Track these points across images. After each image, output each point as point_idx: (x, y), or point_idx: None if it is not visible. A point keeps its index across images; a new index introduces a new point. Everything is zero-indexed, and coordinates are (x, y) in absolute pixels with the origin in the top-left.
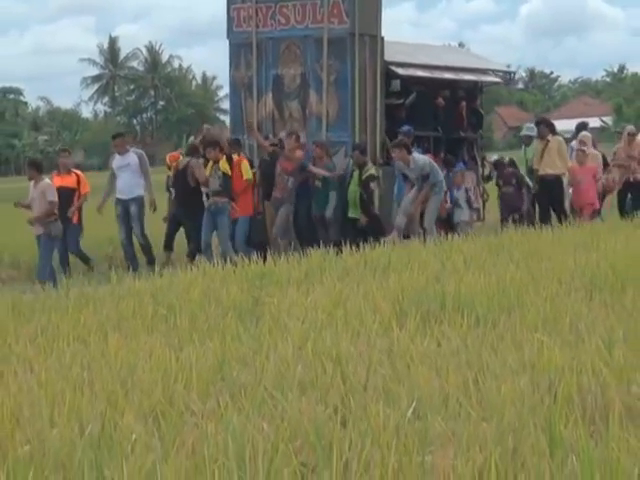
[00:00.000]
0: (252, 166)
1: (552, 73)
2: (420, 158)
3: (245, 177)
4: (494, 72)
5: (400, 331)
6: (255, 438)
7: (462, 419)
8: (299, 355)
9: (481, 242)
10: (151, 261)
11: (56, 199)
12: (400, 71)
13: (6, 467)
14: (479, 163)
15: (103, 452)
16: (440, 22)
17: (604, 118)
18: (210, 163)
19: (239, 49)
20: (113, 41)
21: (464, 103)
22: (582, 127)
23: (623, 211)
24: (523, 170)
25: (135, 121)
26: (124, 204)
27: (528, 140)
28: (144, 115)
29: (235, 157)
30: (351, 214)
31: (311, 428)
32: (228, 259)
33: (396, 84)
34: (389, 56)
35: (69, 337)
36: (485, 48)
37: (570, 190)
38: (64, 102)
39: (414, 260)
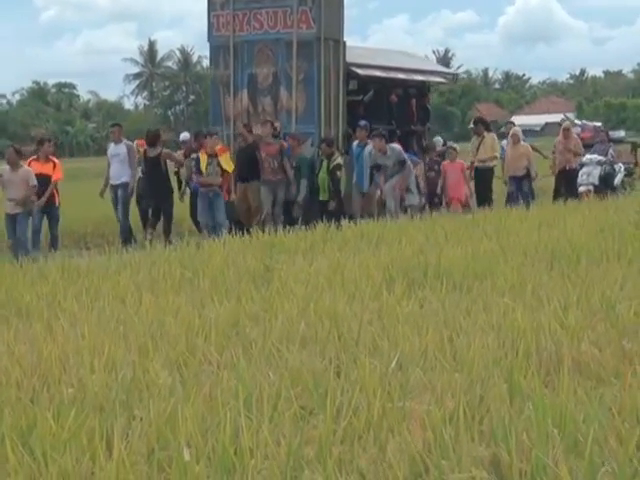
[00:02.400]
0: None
1: (524, 75)
2: (395, 147)
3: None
4: (440, 73)
5: (389, 295)
6: (262, 385)
7: (438, 371)
8: (302, 315)
9: (460, 219)
10: (126, 240)
11: (36, 183)
12: (359, 71)
13: (52, 407)
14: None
15: (134, 395)
16: (430, 30)
17: (568, 114)
18: (205, 157)
19: (218, 51)
20: (152, 44)
21: (414, 100)
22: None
23: (557, 194)
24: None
25: (169, 112)
26: (114, 189)
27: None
28: (177, 107)
29: (217, 148)
30: (321, 197)
31: (310, 377)
32: (221, 234)
33: (354, 83)
34: (350, 58)
35: (109, 296)
36: (468, 53)
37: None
38: (110, 95)
39: (403, 234)
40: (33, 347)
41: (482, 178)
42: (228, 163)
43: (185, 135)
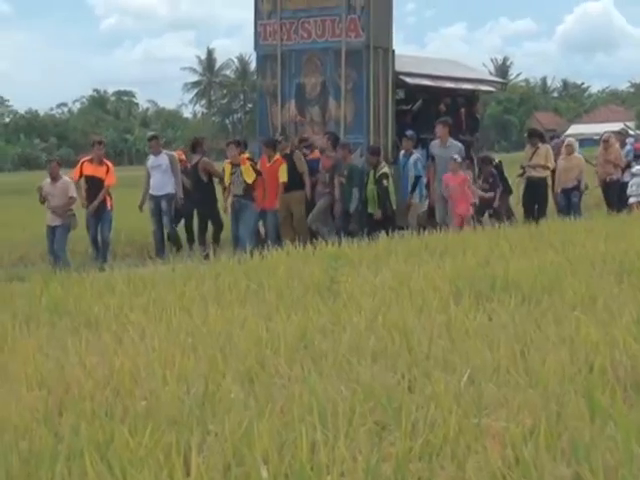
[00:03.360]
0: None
1: (583, 84)
2: (455, 142)
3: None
4: (488, 82)
5: (456, 308)
6: (335, 399)
7: (512, 386)
8: (371, 328)
9: (523, 231)
10: (178, 249)
11: (75, 195)
12: (408, 80)
13: (128, 420)
14: (475, 163)
15: (206, 409)
16: (487, 39)
17: (628, 123)
18: (229, 167)
19: (265, 60)
20: (210, 52)
21: (463, 109)
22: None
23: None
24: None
25: (227, 121)
26: (156, 200)
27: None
28: (235, 116)
29: (276, 157)
30: (370, 210)
31: (383, 392)
32: (248, 249)
33: (400, 93)
34: (399, 67)
35: (175, 307)
36: (526, 61)
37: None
38: (168, 104)
39: (467, 245)
40: (104, 359)
41: (534, 188)
42: (248, 173)
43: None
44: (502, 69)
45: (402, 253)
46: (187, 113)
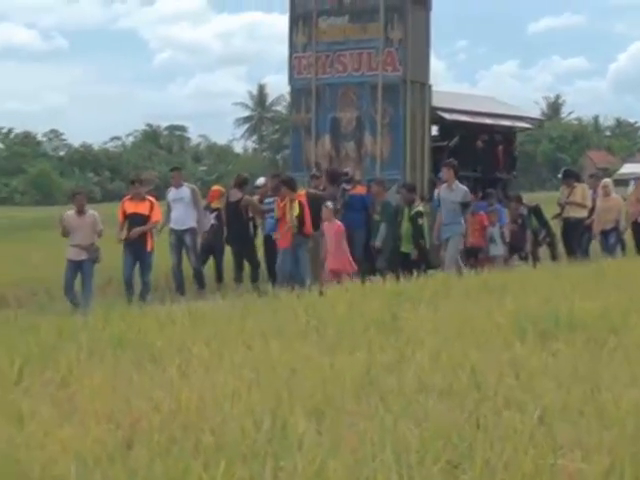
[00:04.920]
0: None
1: (636, 122)
2: (462, 186)
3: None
4: (526, 119)
5: (521, 346)
6: (406, 437)
7: (584, 426)
8: (435, 365)
9: (583, 269)
10: (202, 286)
11: (102, 228)
12: (445, 115)
13: (199, 455)
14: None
15: (275, 444)
16: (539, 76)
17: None
18: (282, 203)
19: (300, 94)
20: (261, 88)
21: (501, 147)
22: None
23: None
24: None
25: (278, 156)
26: (177, 234)
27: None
28: (285, 151)
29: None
30: (404, 248)
31: (453, 430)
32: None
33: (434, 129)
34: (435, 102)
35: (236, 342)
36: (578, 99)
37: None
38: (220, 138)
39: (527, 283)
40: (170, 393)
41: (572, 229)
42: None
43: (261, 180)
44: (554, 107)
45: (461, 290)
46: (238, 148)
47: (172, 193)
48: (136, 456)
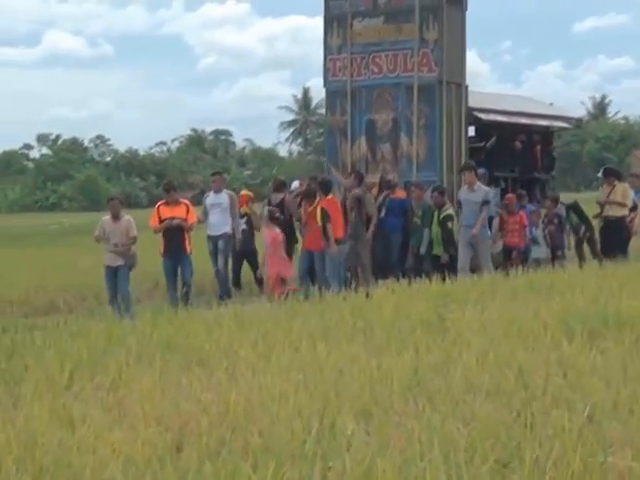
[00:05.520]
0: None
1: None
2: (483, 186)
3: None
4: (564, 119)
5: (569, 345)
6: (454, 437)
7: (634, 425)
8: (482, 365)
9: (631, 268)
10: (225, 292)
11: (137, 234)
12: (482, 116)
13: (248, 457)
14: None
15: (324, 445)
16: (585, 77)
17: None
18: (310, 207)
19: (335, 96)
20: (306, 91)
21: (539, 147)
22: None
23: None
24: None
25: (323, 159)
26: (214, 240)
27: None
28: None
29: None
30: (435, 251)
31: (501, 429)
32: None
33: (471, 129)
34: (472, 102)
35: (284, 344)
36: (625, 99)
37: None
38: (265, 142)
39: (574, 283)
40: (218, 395)
41: (613, 229)
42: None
43: (295, 184)
44: (600, 107)
45: (507, 291)
46: (283, 152)
47: (210, 198)
48: (186, 458)
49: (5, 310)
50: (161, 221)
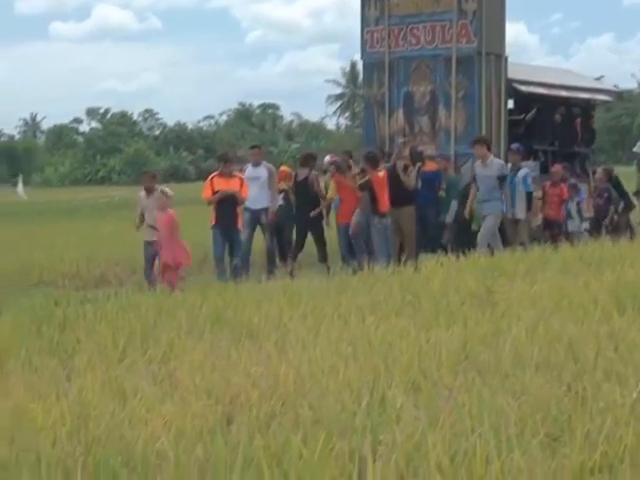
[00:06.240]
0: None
1: None
2: (498, 160)
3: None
4: (605, 91)
5: (620, 319)
6: (504, 411)
7: None
8: (532, 338)
9: None
10: (273, 264)
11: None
12: (522, 88)
13: (298, 430)
14: (590, 176)
15: (374, 418)
16: (637, 49)
17: None
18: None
19: (372, 68)
20: (353, 64)
21: (579, 120)
22: None
23: None
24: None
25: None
26: (252, 213)
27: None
28: None
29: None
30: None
31: (552, 403)
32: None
33: (510, 102)
34: (511, 74)
35: (333, 317)
36: None
37: None
38: (312, 116)
39: (624, 257)
40: (268, 368)
41: None
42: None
43: (327, 159)
44: None
45: (557, 264)
46: (331, 125)
47: (249, 171)
48: (236, 431)
49: (57, 283)
50: (214, 193)
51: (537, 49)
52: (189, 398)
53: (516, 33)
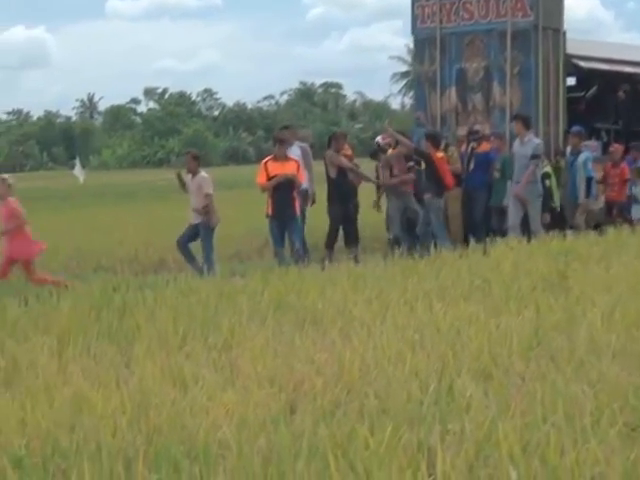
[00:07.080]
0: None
1: None
2: (535, 139)
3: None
4: None
5: None
6: (579, 399)
7: None
8: (607, 324)
9: None
10: (302, 251)
11: (212, 192)
12: (582, 64)
13: (365, 419)
14: None
15: (442, 407)
16: None
17: None
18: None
19: (423, 44)
20: None
21: None
22: None
23: None
24: None
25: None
26: None
27: None
28: None
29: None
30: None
31: (630, 392)
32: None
33: (571, 79)
34: (571, 50)
35: (399, 303)
36: None
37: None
38: (376, 95)
39: None
40: (332, 355)
41: None
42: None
43: (379, 139)
44: None
45: (634, 248)
46: (395, 104)
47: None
48: (300, 420)
49: (115, 268)
50: (269, 178)
51: (611, 25)
52: (251, 386)
53: (589, 8)
